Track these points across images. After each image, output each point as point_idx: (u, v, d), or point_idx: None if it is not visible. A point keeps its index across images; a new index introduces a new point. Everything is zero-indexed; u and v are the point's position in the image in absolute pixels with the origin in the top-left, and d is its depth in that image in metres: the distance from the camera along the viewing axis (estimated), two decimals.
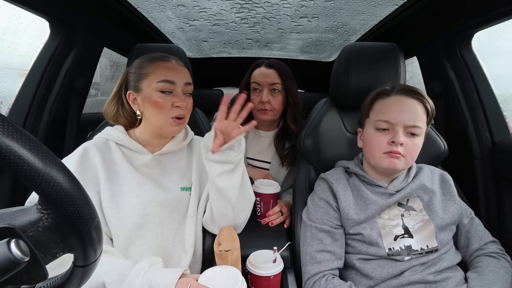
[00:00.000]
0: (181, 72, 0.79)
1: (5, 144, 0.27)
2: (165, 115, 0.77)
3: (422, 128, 0.74)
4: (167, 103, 0.76)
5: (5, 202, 0.96)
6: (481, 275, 0.71)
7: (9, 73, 1.13)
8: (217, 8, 1.17)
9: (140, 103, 0.79)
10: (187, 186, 0.84)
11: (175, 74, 0.77)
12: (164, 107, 0.76)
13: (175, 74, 0.77)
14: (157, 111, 0.76)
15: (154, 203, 0.77)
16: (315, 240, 0.77)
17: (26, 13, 0.94)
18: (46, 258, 0.32)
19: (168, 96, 0.77)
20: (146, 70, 0.77)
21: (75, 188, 0.31)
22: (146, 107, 0.78)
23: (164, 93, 0.76)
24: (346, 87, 0.95)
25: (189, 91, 0.81)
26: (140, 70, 0.78)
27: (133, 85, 0.79)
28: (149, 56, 0.80)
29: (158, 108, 0.76)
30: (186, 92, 0.80)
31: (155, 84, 0.76)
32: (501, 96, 1.08)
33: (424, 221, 0.76)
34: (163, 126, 0.78)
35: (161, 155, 0.83)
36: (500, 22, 0.92)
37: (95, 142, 0.79)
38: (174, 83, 0.77)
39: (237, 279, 0.60)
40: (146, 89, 0.77)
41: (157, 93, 0.76)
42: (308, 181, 0.96)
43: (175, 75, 0.77)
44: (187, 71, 0.82)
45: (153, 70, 0.77)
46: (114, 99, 0.84)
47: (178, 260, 0.80)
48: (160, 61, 0.78)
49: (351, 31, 1.44)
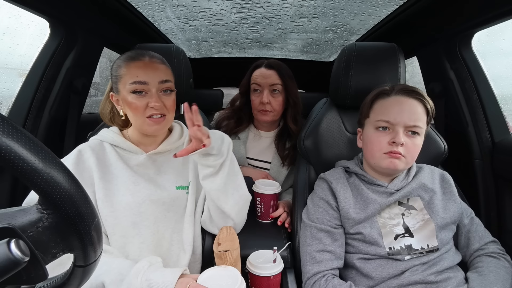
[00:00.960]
0: (154, 69, 0.75)
1: (5, 144, 0.27)
2: (141, 116, 0.75)
3: (422, 128, 0.74)
4: (141, 104, 0.74)
5: (5, 202, 0.96)
6: (482, 275, 0.71)
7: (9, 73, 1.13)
8: (217, 8, 1.17)
9: (121, 104, 0.78)
10: (183, 185, 0.84)
11: (147, 73, 0.74)
12: (138, 109, 0.74)
13: (146, 73, 0.74)
14: (133, 112, 0.75)
15: (148, 201, 0.77)
16: (315, 240, 0.77)
17: (26, 13, 0.93)
18: (46, 258, 0.32)
19: (143, 96, 0.74)
20: (121, 72, 0.76)
21: (75, 188, 0.31)
22: (125, 108, 0.77)
23: (137, 93, 0.74)
24: (346, 87, 0.95)
25: (167, 88, 0.77)
26: (116, 71, 0.77)
27: (114, 86, 0.79)
28: (125, 56, 0.77)
29: (133, 109, 0.75)
30: (163, 90, 0.77)
31: (128, 85, 0.74)
32: (501, 96, 1.08)
33: (424, 220, 0.75)
34: (142, 127, 0.77)
35: (156, 154, 0.83)
36: (500, 22, 0.92)
37: (90, 144, 0.80)
38: (146, 83, 0.74)
39: (236, 279, 0.60)
40: (122, 91, 0.76)
41: (130, 95, 0.74)
42: (308, 181, 0.96)
43: (147, 74, 0.74)
44: (163, 67, 0.78)
45: (126, 71, 0.75)
46: (107, 99, 0.83)
47: (176, 259, 0.80)
48: (132, 61, 0.75)
49: (351, 31, 1.44)
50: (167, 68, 0.80)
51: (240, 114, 1.23)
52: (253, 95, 1.17)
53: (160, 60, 0.79)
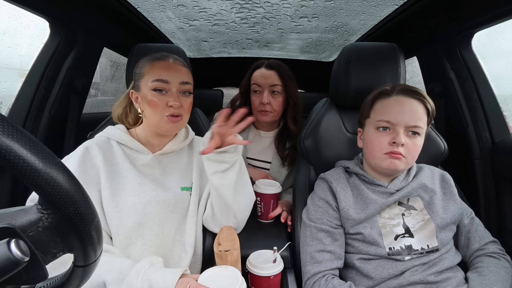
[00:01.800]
0: (176, 71, 0.79)
1: (5, 144, 0.27)
2: (160, 114, 0.77)
3: (423, 129, 0.74)
4: (161, 102, 0.76)
5: (5, 202, 0.96)
6: (482, 275, 0.71)
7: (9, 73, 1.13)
8: (217, 8, 1.17)
9: (140, 101, 0.80)
10: (187, 186, 0.84)
11: (169, 73, 0.77)
12: (158, 106, 0.76)
13: (169, 73, 0.77)
14: (152, 109, 0.77)
15: (154, 203, 0.77)
16: (315, 240, 0.77)
17: (26, 13, 0.94)
18: (46, 258, 0.32)
19: (163, 95, 0.77)
20: (144, 70, 0.79)
21: (75, 188, 0.31)
22: (144, 105, 0.79)
23: (158, 91, 0.77)
24: (346, 87, 0.95)
25: (186, 90, 0.80)
26: (140, 69, 0.80)
27: (135, 84, 0.81)
28: (150, 56, 0.81)
29: (152, 106, 0.77)
30: (182, 91, 0.80)
31: (150, 83, 0.77)
32: (501, 96, 1.08)
33: (424, 220, 0.75)
34: (159, 124, 0.79)
35: (162, 155, 0.84)
36: (500, 22, 0.92)
37: (97, 141, 0.80)
38: (168, 82, 0.77)
39: (237, 279, 0.60)
40: (143, 88, 0.78)
41: (151, 92, 0.77)
42: (308, 181, 0.96)
43: (169, 74, 0.77)
44: (185, 70, 0.81)
45: (149, 70, 0.78)
46: (126, 98, 0.86)
47: (178, 260, 0.80)
48: (157, 61, 0.79)
49: (351, 31, 1.44)
50: (188, 72, 0.83)
51: None
52: (253, 96, 1.17)
53: (183, 64, 0.83)
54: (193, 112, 1.13)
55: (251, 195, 0.87)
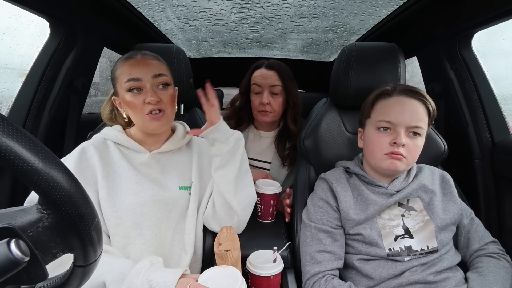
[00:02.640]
0: (146, 65, 0.76)
1: (5, 144, 0.26)
2: (140, 114, 0.75)
3: (423, 129, 0.74)
4: (138, 101, 0.74)
5: (5, 202, 0.96)
6: (482, 276, 0.71)
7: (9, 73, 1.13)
8: (217, 8, 1.17)
9: (123, 106, 0.79)
10: (186, 185, 0.84)
11: (139, 69, 0.75)
12: (136, 106, 0.75)
13: (139, 69, 0.74)
14: (132, 111, 0.76)
15: (151, 202, 0.77)
16: (315, 241, 0.77)
17: (26, 13, 0.93)
18: (46, 258, 0.32)
19: (139, 94, 0.75)
20: (117, 73, 0.77)
21: (75, 188, 0.31)
22: (125, 108, 0.78)
23: (134, 91, 0.75)
24: (346, 87, 0.95)
25: (162, 82, 0.77)
26: (113, 73, 0.78)
27: (114, 90, 0.80)
28: (121, 58, 0.79)
29: (131, 108, 0.75)
30: (158, 84, 0.77)
31: (124, 84, 0.75)
32: (501, 96, 1.08)
33: (424, 221, 0.75)
34: (143, 124, 0.77)
35: (160, 154, 0.83)
36: (500, 22, 0.92)
37: (93, 142, 0.80)
38: (140, 80, 0.74)
39: (237, 279, 0.60)
40: (120, 91, 0.77)
41: (127, 94, 0.75)
42: (308, 181, 0.96)
43: (139, 70, 0.74)
44: (156, 62, 0.78)
45: (121, 71, 0.76)
46: (109, 101, 0.86)
47: (178, 260, 0.80)
48: (126, 60, 0.77)
49: (351, 31, 1.44)
50: (161, 63, 0.80)
51: (240, 114, 1.23)
52: (253, 96, 1.17)
53: (153, 56, 0.80)
54: (193, 112, 1.13)
55: (252, 195, 0.88)
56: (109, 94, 0.86)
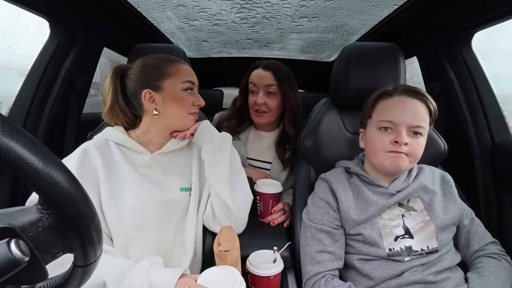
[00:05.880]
0: (194, 73, 0.87)
1: (5, 144, 0.26)
2: (186, 111, 0.83)
3: (425, 129, 0.74)
4: (189, 101, 0.83)
5: (5, 202, 0.96)
6: (482, 276, 0.71)
7: (9, 73, 1.13)
8: (217, 8, 1.17)
9: (160, 101, 0.80)
10: (186, 186, 0.84)
11: (193, 75, 0.85)
12: (187, 105, 0.83)
13: (193, 75, 0.85)
14: (180, 108, 0.82)
15: (153, 204, 0.77)
16: (315, 241, 0.77)
17: (26, 13, 0.94)
18: (46, 258, 0.32)
19: (191, 95, 0.83)
20: (169, 70, 0.81)
21: (75, 188, 0.31)
22: (168, 104, 0.80)
23: (188, 91, 0.83)
24: (346, 87, 0.95)
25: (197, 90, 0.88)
26: (161, 70, 0.80)
27: (151, 84, 0.79)
28: (164, 57, 0.84)
29: (182, 105, 0.82)
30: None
31: (181, 84, 0.81)
32: (501, 96, 1.08)
33: (424, 221, 0.75)
34: (184, 121, 0.84)
35: (161, 155, 0.84)
36: (500, 22, 0.92)
37: (95, 142, 0.80)
38: (194, 84, 0.85)
39: (236, 279, 0.60)
40: (170, 88, 0.80)
41: (183, 92, 0.82)
42: (308, 181, 0.96)
43: (193, 76, 0.85)
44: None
45: (177, 71, 0.81)
46: (113, 108, 0.82)
47: (178, 260, 0.80)
48: (179, 63, 0.84)
49: (351, 31, 1.44)
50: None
51: (241, 114, 1.23)
52: (250, 95, 1.17)
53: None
54: None
55: (247, 192, 0.88)
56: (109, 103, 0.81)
